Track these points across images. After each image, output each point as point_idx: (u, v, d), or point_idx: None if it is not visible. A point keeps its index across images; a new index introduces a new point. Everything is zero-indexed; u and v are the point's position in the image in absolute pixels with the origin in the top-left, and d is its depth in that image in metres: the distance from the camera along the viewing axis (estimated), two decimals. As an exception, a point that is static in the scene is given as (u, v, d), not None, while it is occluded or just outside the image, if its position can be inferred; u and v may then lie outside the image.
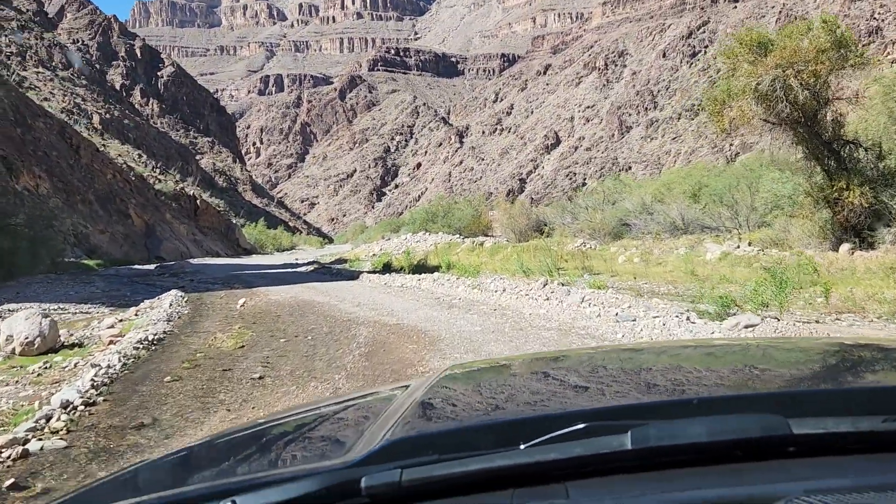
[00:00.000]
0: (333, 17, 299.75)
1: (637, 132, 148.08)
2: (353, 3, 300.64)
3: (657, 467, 1.02)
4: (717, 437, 1.03)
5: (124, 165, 51.80)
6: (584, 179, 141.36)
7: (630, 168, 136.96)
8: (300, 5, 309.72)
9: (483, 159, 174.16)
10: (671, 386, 1.52)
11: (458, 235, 40.94)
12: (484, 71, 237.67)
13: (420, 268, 19.86)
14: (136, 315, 11.68)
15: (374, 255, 36.98)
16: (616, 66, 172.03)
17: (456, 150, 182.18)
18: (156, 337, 8.23)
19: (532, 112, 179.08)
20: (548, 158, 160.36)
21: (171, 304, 12.20)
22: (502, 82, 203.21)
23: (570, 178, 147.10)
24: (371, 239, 56.36)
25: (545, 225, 30.00)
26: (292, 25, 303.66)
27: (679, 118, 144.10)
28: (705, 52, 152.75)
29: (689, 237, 19.64)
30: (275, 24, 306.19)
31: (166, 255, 46.84)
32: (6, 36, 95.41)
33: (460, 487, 1.00)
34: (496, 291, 12.60)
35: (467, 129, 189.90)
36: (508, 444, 1.05)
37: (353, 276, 19.36)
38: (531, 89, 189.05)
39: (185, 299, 13.93)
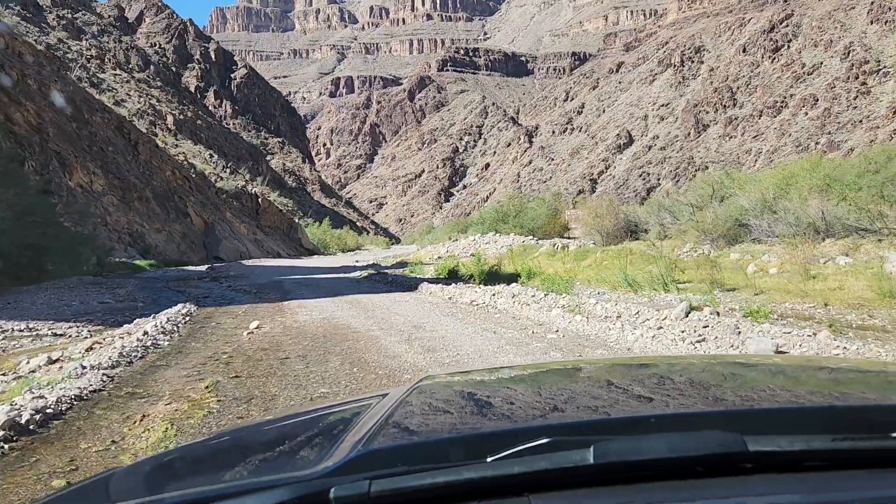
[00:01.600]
0: (403, 19, 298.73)
1: (714, 130, 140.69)
2: (423, 4, 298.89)
3: (619, 482, 1.03)
4: (677, 452, 1.05)
5: (185, 162, 49.78)
6: (658, 180, 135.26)
7: (707, 168, 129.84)
8: (371, 8, 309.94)
9: (552, 159, 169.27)
10: (637, 402, 1.55)
11: (531, 237, 36.91)
12: (554, 70, 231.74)
13: (493, 276, 16.01)
14: (118, 337, 8.40)
15: (438, 258, 33.27)
16: (692, 62, 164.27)
17: (525, 150, 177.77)
18: (50, 410, 4.67)
19: (604, 111, 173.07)
20: (620, 158, 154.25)
21: (154, 328, 8.72)
22: (573, 81, 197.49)
23: (644, 179, 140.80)
24: (437, 240, 52.79)
25: (636, 225, 25.76)
26: (363, 28, 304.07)
27: (760, 115, 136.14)
28: (788, 47, 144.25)
29: (836, 242, 15.17)
30: (346, 27, 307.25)
31: (225, 256, 44.34)
32: (86, 40, 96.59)
33: (428, 500, 1.01)
34: (608, 319, 8.56)
35: (537, 128, 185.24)
36: (476, 456, 1.07)
37: (412, 285, 15.63)
38: (603, 88, 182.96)
39: (188, 318, 10.52)
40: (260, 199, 54.04)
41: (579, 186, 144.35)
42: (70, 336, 9.90)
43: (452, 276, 18.13)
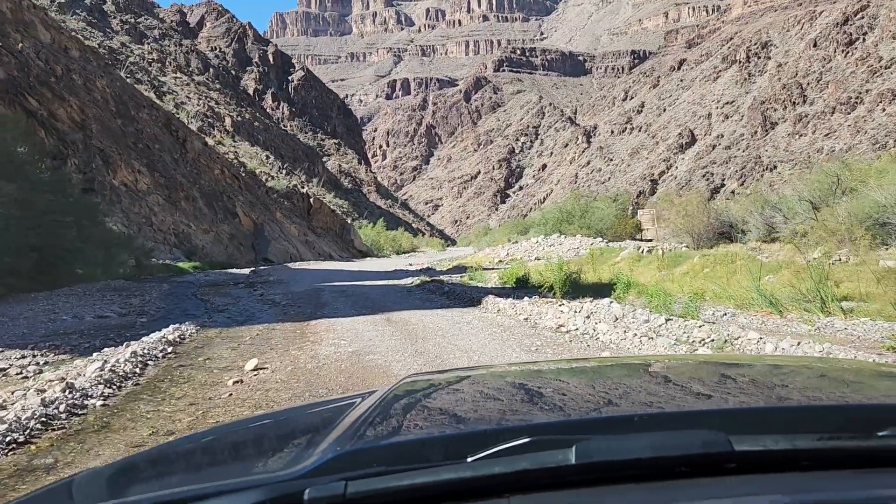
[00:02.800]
0: (459, 21, 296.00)
1: (783, 128, 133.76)
2: (479, 5, 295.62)
3: (601, 482, 1.02)
4: (660, 452, 1.03)
5: (235, 161, 47.76)
6: (723, 180, 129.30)
7: (776, 167, 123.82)
8: (427, 10, 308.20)
9: (611, 160, 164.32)
10: (621, 402, 1.52)
11: (600, 239, 33.34)
12: (612, 69, 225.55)
13: (576, 287, 12.67)
14: (32, 391, 5.54)
15: (500, 261, 29.97)
16: (759, 58, 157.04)
17: (583, 151, 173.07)
18: None
19: (665, 109, 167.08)
20: (682, 158, 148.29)
21: (98, 375, 5.76)
22: (632, 80, 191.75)
23: (707, 179, 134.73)
24: (495, 242, 49.48)
25: (730, 226, 21.99)
26: (419, 30, 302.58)
27: (833, 112, 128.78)
28: (864, 40, 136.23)
29: None
30: (402, 29, 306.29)
31: (274, 258, 41.98)
32: (148, 44, 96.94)
33: (406, 501, 1.00)
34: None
35: (595, 128, 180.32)
36: (456, 457, 1.05)
37: (474, 298, 12.42)
38: (664, 86, 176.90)
39: (171, 349, 7.58)
40: (312, 199, 51.66)
41: (639, 187, 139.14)
42: (6, 374, 7.06)
43: (521, 286, 14.87)
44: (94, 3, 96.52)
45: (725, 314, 9.56)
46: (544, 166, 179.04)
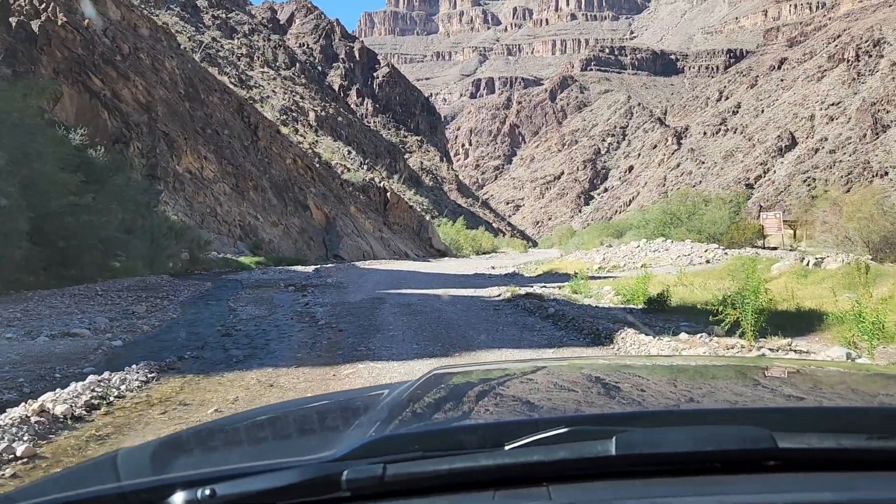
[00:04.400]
0: (547, 20, 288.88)
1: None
2: (568, 4, 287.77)
3: (639, 475, 1.00)
4: (702, 447, 1.00)
5: (309, 150, 44.78)
6: (826, 185, 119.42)
7: (887, 174, 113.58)
8: (514, 9, 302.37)
9: (703, 162, 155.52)
10: (659, 398, 1.51)
11: (715, 245, 28.27)
12: (706, 68, 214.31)
13: (775, 317, 8.11)
14: None
15: (599, 268, 25.38)
16: (870, 56, 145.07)
17: (672, 153, 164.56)
18: None
19: (762, 111, 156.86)
20: (780, 162, 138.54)
21: None
22: (727, 79, 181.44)
23: (809, 185, 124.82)
24: (586, 245, 44.62)
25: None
26: (506, 29, 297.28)
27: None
28: None
29: None
30: (489, 28, 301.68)
31: (346, 254, 38.63)
32: (237, 38, 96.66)
33: (443, 486, 0.98)
34: None
35: (686, 129, 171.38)
36: (492, 445, 1.03)
37: (599, 329, 8.12)
38: (762, 86, 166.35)
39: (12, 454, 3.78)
40: (388, 194, 48.14)
41: (732, 192, 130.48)
42: None
43: (656, 307, 10.44)
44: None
45: None
46: (631, 168, 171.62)
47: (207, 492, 0.96)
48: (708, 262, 24.48)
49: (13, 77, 18.13)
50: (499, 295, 13.86)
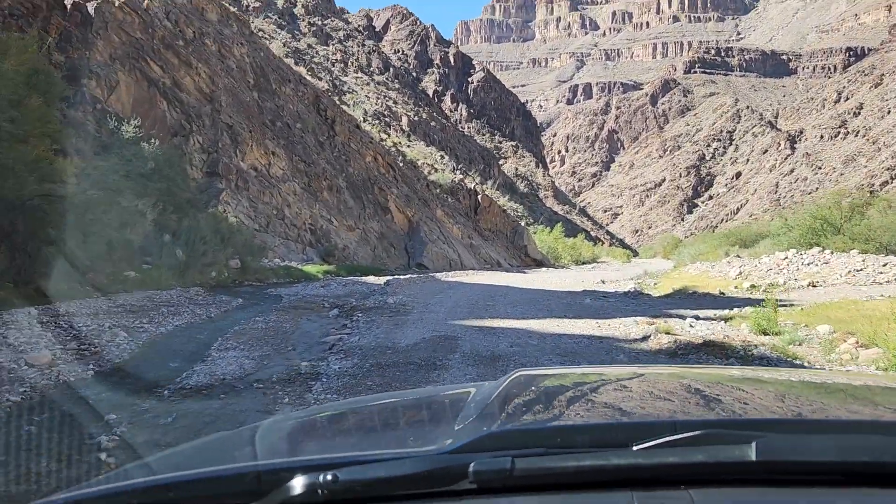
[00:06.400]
0: (647, 23, 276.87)
1: None
2: (670, 6, 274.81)
3: (776, 483, 0.92)
4: (848, 456, 0.92)
5: (393, 148, 40.38)
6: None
7: None
8: (613, 13, 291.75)
9: (820, 168, 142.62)
10: (787, 407, 1.38)
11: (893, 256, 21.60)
12: (822, 68, 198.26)
13: None
14: None
15: (752, 285, 19.23)
16: None
17: (785, 158, 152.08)
18: None
19: (888, 111, 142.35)
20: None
21: None
22: (847, 79, 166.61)
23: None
24: (706, 255, 38.02)
25: None
26: (604, 34, 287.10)
27: None
28: None
29: None
30: (586, 33, 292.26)
31: (430, 263, 33.83)
32: (332, 45, 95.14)
33: (569, 484, 0.95)
34: None
35: (800, 133, 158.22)
36: (616, 445, 0.99)
37: None
38: (888, 85, 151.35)
39: None
40: (480, 196, 43.08)
41: (853, 199, 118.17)
42: None
43: None
44: (285, 7, 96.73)
45: None
46: (739, 174, 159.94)
47: (329, 476, 0.96)
48: (901, 280, 18.09)
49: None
50: (643, 338, 8.39)
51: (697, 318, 11.15)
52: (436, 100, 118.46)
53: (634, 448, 0.95)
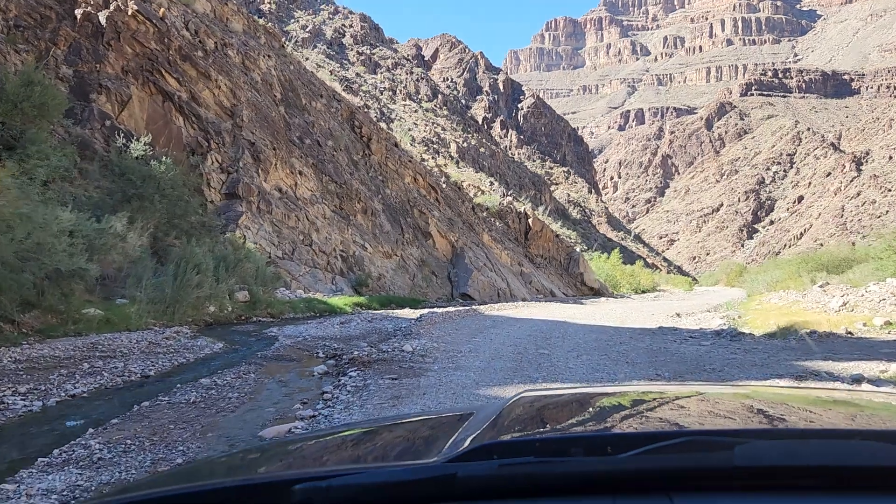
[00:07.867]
0: (700, 47, 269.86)
1: None
2: (723, 29, 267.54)
3: (764, 489, 0.92)
4: (830, 461, 0.92)
5: (435, 168, 37.08)
6: None
7: None
8: (664, 38, 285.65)
9: (889, 190, 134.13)
10: (771, 419, 1.40)
11: None
12: (888, 87, 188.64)
13: None
14: None
15: (886, 321, 14.88)
16: None
17: (851, 181, 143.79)
18: None
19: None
20: None
21: None
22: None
23: None
24: (783, 283, 33.26)
25: None
26: (655, 59, 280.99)
27: None
28: None
29: None
30: (637, 59, 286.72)
31: (476, 293, 30.10)
32: (381, 73, 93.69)
33: (555, 489, 0.94)
34: None
35: (867, 154, 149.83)
36: (603, 454, 1.00)
37: None
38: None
39: None
40: (530, 220, 39.27)
41: None
42: None
43: None
44: (335, 37, 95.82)
45: None
46: (801, 198, 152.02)
47: (323, 485, 0.97)
48: None
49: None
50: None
51: (863, 377, 7.19)
52: (485, 126, 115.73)
53: (620, 456, 0.96)
